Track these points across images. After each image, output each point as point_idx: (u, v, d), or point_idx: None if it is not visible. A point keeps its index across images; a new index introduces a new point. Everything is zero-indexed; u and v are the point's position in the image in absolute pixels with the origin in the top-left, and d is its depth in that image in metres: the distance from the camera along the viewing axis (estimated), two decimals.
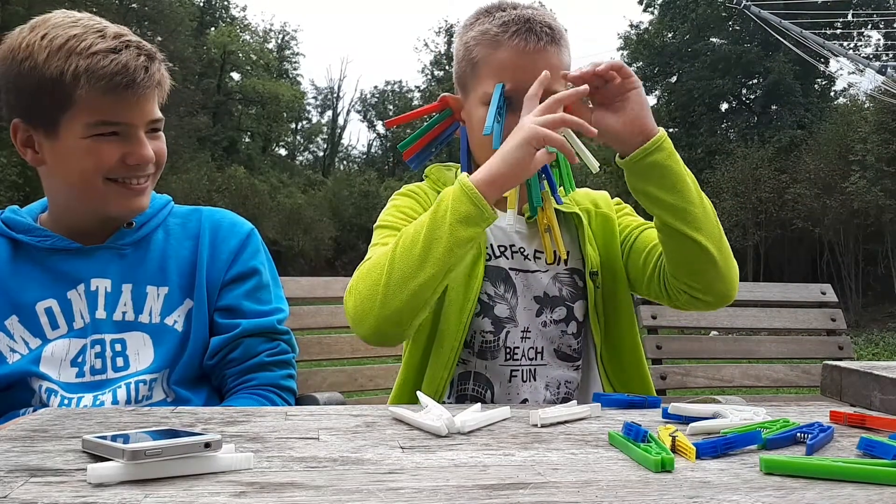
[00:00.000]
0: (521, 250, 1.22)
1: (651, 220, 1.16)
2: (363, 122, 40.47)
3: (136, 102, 1.07)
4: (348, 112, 38.40)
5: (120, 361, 1.10)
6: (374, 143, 37.64)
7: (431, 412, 0.80)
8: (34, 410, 1.01)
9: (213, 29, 31.14)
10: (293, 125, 36.67)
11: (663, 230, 1.08)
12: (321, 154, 37.94)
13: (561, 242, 1.19)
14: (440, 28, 34.93)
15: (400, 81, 38.61)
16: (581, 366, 1.24)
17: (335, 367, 1.76)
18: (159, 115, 1.13)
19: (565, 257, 1.22)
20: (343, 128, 38.68)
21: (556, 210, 1.21)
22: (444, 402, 1.20)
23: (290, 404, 1.19)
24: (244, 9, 43.77)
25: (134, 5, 22.43)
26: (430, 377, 1.18)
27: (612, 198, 1.34)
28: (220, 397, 1.19)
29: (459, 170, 1.29)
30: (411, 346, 1.23)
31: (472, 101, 1.19)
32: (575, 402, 0.94)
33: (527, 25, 1.14)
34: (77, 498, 0.54)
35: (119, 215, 1.14)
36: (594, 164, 1.24)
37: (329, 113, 38.10)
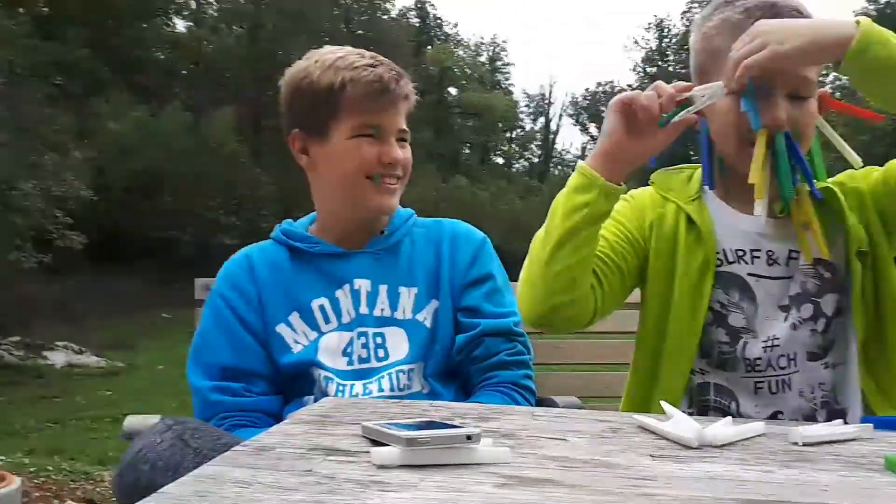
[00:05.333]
0: (770, 254, 1.13)
1: None
2: (576, 125, 40.12)
3: (389, 108, 1.25)
4: (560, 117, 38.41)
5: (381, 353, 1.25)
6: (588, 147, 37.10)
7: (680, 423, 0.79)
8: (315, 399, 1.18)
9: (429, 48, 33.02)
10: (508, 134, 37.52)
11: None
12: (536, 160, 38.34)
13: (821, 240, 1.08)
14: (650, 24, 33.54)
15: (611, 82, 37.60)
16: (834, 363, 1.12)
17: (569, 371, 1.78)
18: (406, 126, 1.29)
19: (828, 257, 1.10)
20: (556, 133, 38.75)
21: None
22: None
23: (530, 403, 1.26)
24: (456, 25, 45.91)
25: (360, 31, 24.74)
26: (663, 387, 1.15)
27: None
28: (466, 394, 1.28)
29: (693, 172, 1.24)
30: (637, 354, 1.22)
31: None
32: (840, 420, 0.86)
33: (773, 10, 1.07)
34: (366, 476, 0.62)
35: (373, 213, 1.29)
36: (857, 160, 1.11)
37: (541, 119, 38.41)
